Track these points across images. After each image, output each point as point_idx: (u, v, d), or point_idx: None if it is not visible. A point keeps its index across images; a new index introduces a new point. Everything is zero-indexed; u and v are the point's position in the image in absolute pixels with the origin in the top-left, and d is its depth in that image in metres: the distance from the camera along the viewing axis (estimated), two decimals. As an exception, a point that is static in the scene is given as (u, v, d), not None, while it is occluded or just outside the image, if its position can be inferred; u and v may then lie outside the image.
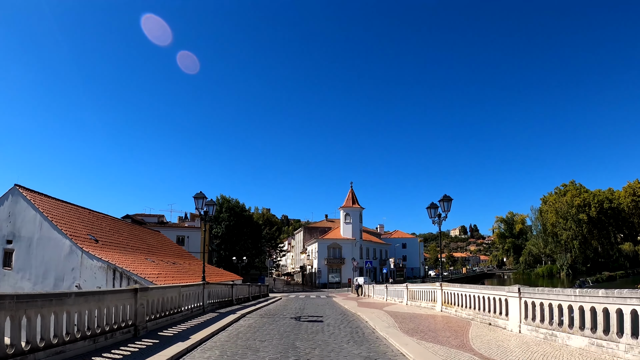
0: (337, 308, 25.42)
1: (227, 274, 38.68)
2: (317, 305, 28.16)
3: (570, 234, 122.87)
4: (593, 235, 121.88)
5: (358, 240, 76.66)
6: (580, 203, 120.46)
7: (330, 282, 73.67)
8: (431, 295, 22.25)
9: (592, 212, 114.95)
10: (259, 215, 72.82)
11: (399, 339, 11.01)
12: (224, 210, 61.58)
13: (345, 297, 39.68)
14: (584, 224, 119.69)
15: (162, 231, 67.02)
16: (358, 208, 78.13)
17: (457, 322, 15.27)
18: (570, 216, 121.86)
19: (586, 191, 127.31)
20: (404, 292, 27.31)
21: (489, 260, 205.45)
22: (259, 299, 32.92)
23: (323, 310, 23.61)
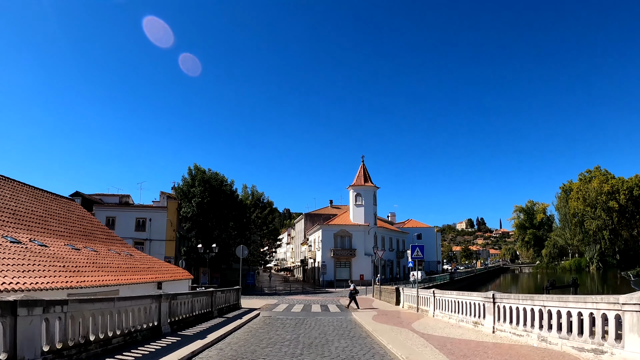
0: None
1: (168, 271, 21.88)
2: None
3: (599, 223, 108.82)
4: (622, 224, 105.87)
5: (372, 226, 59.77)
6: (609, 190, 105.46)
7: (338, 279, 56.84)
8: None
9: (622, 200, 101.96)
10: (247, 195, 55.85)
11: None
12: (197, 183, 44.85)
13: (383, 316, 22.65)
14: (613, 212, 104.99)
15: (119, 213, 50.48)
16: (371, 187, 61.25)
17: None
18: (600, 204, 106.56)
19: (613, 177, 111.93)
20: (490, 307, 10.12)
21: (500, 254, 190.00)
22: (211, 320, 16.51)
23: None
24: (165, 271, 21.69)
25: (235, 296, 22.92)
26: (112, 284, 15.07)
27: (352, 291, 25.13)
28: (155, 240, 48.01)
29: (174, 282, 20.68)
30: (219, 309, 19.04)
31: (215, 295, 18.51)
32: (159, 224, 47.94)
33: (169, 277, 20.17)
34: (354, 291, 25.07)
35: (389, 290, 28.26)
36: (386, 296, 28.71)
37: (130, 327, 10.64)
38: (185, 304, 14.64)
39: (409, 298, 23.55)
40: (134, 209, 50.26)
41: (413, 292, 22.45)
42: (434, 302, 18.44)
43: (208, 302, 17.50)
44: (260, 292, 45.06)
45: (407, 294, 23.80)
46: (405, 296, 24.20)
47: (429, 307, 19.16)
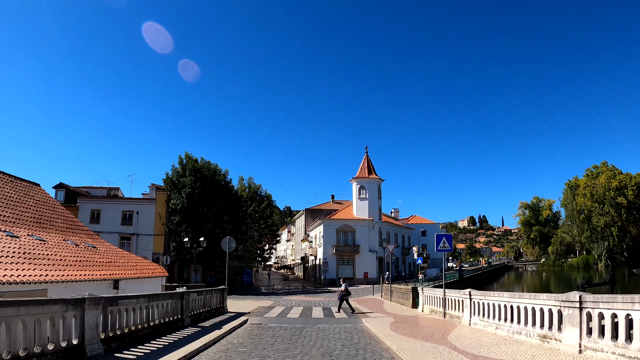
0: None
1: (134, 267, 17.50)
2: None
3: (607, 219, 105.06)
4: (630, 221, 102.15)
5: (377, 221, 55.39)
6: (617, 185, 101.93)
7: (341, 277, 52.30)
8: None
9: (630, 196, 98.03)
10: (243, 188, 51.52)
11: None
12: (188, 173, 40.53)
13: (402, 324, 18.05)
14: (622, 208, 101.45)
15: (105, 206, 46.17)
16: (376, 179, 56.86)
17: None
18: (608, 200, 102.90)
19: (620, 173, 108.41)
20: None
21: (503, 252, 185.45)
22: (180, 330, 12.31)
23: None
24: (132, 267, 17.41)
25: (218, 298, 18.62)
26: (37, 280, 10.78)
27: (342, 292, 20.65)
28: (143, 235, 43.73)
29: (141, 281, 16.45)
30: (193, 315, 14.75)
31: (188, 298, 14.20)
32: (147, 217, 43.66)
33: (131, 274, 15.89)
34: (345, 292, 20.64)
35: (402, 291, 23.93)
36: (399, 297, 24.40)
37: (29, 347, 6.35)
38: (134, 311, 10.32)
39: (430, 300, 19.22)
40: (120, 202, 45.98)
41: (437, 292, 18.14)
42: (471, 306, 14.11)
43: (176, 308, 13.20)
44: (257, 291, 40.80)
45: (428, 295, 19.47)
46: (425, 297, 19.87)
47: (463, 313, 14.85)
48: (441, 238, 17.54)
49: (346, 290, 20.80)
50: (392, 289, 26.33)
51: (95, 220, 45.50)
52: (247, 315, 18.16)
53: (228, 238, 20.75)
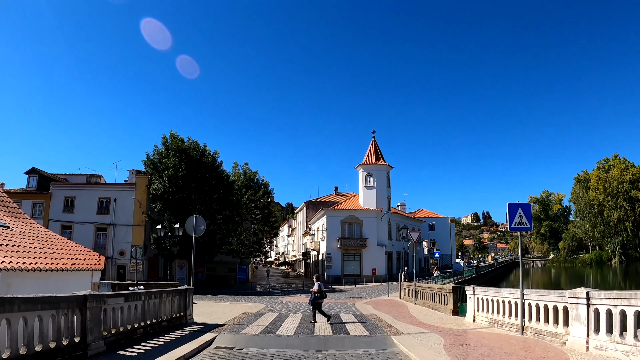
0: None
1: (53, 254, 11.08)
2: None
3: (620, 214, 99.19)
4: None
5: (386, 212, 49.13)
6: (630, 178, 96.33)
7: (346, 274, 46.29)
8: None
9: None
10: (238, 175, 45.26)
11: None
12: (172, 154, 34.34)
13: (469, 350, 10.76)
14: (636, 202, 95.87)
15: (80, 193, 39.94)
16: (384, 166, 50.56)
17: None
18: (621, 193, 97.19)
19: (633, 166, 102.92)
20: None
21: (509, 248, 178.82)
22: None
23: None
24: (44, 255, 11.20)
25: (177, 304, 12.37)
26: None
27: (315, 294, 14.48)
28: (121, 225, 37.60)
29: (50, 275, 10.30)
30: (113, 335, 8.50)
31: (102, 306, 7.94)
32: (126, 205, 37.50)
33: (31, 264, 9.66)
34: (318, 294, 14.52)
35: (434, 291, 17.62)
36: (429, 299, 18.13)
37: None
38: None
39: (488, 305, 12.93)
40: (96, 188, 39.84)
41: (505, 295, 11.83)
42: (589, 316, 7.85)
43: (71, 325, 6.95)
44: (251, 290, 34.59)
45: (485, 298, 13.14)
46: (478, 301, 13.56)
47: (570, 328, 8.59)
48: (516, 210, 11.32)
49: (320, 292, 14.60)
50: (418, 288, 20.04)
51: (69, 209, 39.43)
52: (220, 329, 11.93)
53: (195, 218, 14.49)
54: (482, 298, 13.31)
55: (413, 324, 13.47)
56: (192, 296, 13.45)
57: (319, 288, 14.69)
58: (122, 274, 36.66)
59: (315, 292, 14.60)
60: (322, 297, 14.73)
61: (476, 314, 13.61)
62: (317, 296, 14.56)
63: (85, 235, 38.57)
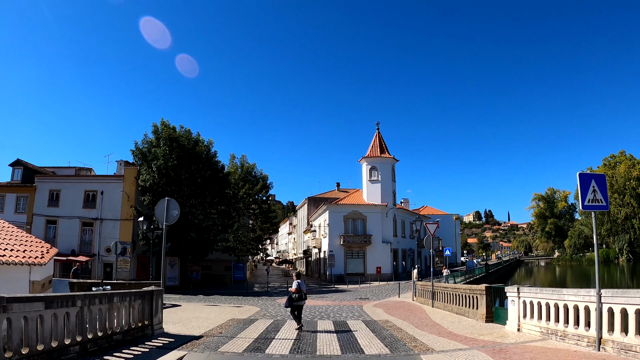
0: None
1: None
2: None
3: (628, 211, 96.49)
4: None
5: (391, 207, 46.21)
6: (637, 175, 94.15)
7: (349, 272, 43.40)
8: None
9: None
10: (235, 168, 42.34)
11: None
12: (162, 143, 31.47)
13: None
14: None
15: (65, 185, 37.04)
16: (389, 158, 47.65)
17: None
18: (628, 190, 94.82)
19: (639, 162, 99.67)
20: None
21: (513, 246, 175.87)
22: None
23: None
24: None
25: (141, 310, 9.46)
26: None
27: (293, 294, 11.75)
28: (108, 220, 34.74)
29: None
30: (30, 356, 5.63)
31: None
32: (114, 198, 34.63)
33: None
34: (297, 294, 11.74)
35: (459, 293, 14.66)
36: (450, 302, 15.22)
37: None
38: None
39: (539, 311, 10.00)
40: (82, 180, 36.97)
41: (567, 296, 8.90)
42: None
43: None
44: (247, 290, 31.67)
45: (533, 301, 10.19)
46: (524, 305, 10.61)
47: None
48: (589, 182, 8.39)
49: (299, 292, 11.74)
50: (437, 288, 17.10)
51: (54, 203, 36.60)
52: (193, 343, 9.05)
53: (167, 201, 11.55)
54: (531, 301, 10.37)
55: (441, 335, 10.55)
56: (162, 299, 10.53)
57: (298, 287, 11.80)
58: (109, 272, 33.80)
59: (294, 292, 11.73)
60: (302, 298, 11.83)
61: (522, 322, 10.68)
62: (296, 297, 11.68)
63: (70, 230, 35.78)
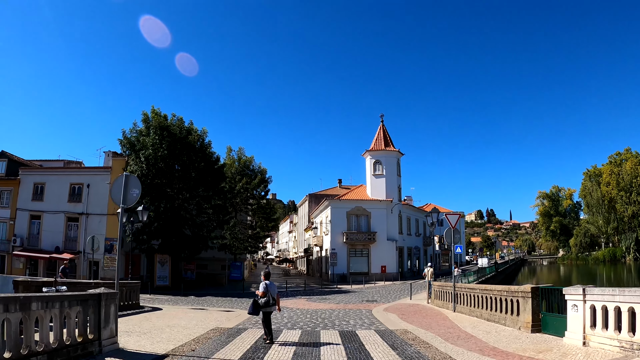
0: None
1: None
2: None
3: (634, 209, 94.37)
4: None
5: (396, 203, 43.60)
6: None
7: (353, 272, 40.79)
8: None
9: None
10: (232, 161, 39.75)
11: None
12: (152, 132, 28.90)
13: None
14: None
15: (50, 178, 34.27)
16: (394, 152, 45.03)
17: None
18: (635, 188, 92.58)
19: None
20: None
21: (515, 245, 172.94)
22: None
23: None
24: None
25: (82, 320, 6.86)
26: None
27: (261, 299, 9.11)
28: (94, 215, 32.17)
29: None
30: None
31: None
32: (100, 192, 32.03)
33: None
34: (265, 299, 9.09)
35: (491, 296, 11.99)
36: (478, 306, 12.58)
37: None
38: None
39: (615, 319, 7.38)
40: (67, 172, 34.43)
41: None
42: None
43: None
44: (242, 291, 29.05)
45: (606, 306, 7.58)
46: (593, 311, 8.00)
47: None
48: None
49: (266, 295, 9.13)
50: (460, 290, 14.46)
51: (38, 197, 34.06)
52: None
53: (125, 178, 8.88)
54: (604, 306, 7.73)
55: (485, 353, 7.92)
56: (116, 304, 7.90)
57: (265, 290, 9.14)
58: (96, 271, 31.23)
59: (260, 296, 9.11)
60: (270, 304, 9.13)
61: (589, 333, 8.05)
62: (262, 302, 9.03)
63: (55, 226, 33.24)
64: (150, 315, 13.68)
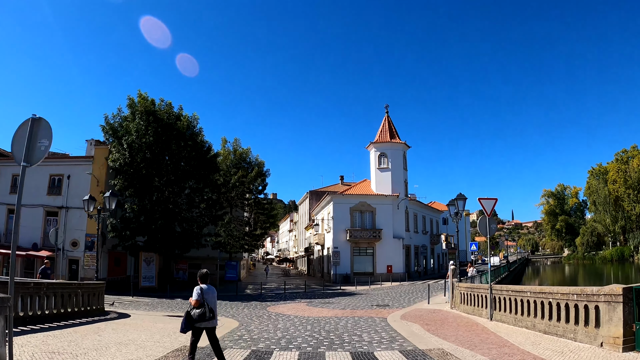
0: None
1: None
2: None
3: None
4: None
5: (403, 198, 40.59)
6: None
7: (357, 271, 37.81)
8: None
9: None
10: (226, 153, 36.76)
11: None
12: (137, 117, 25.91)
13: None
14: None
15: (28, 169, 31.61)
16: (400, 144, 42.04)
17: None
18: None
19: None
20: None
21: (519, 245, 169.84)
22: None
23: None
24: None
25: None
26: None
27: (193, 310, 6.32)
28: (75, 209, 29.05)
29: None
30: None
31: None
32: (81, 183, 28.99)
33: None
34: (199, 311, 6.25)
35: (550, 299, 8.98)
36: (529, 314, 9.58)
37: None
38: None
39: None
40: (47, 162, 31.29)
41: None
42: None
43: None
44: (236, 293, 26.00)
45: None
46: None
47: None
48: None
49: (203, 305, 6.36)
50: (500, 293, 11.42)
51: (16, 189, 30.89)
52: None
53: (32, 121, 5.96)
54: None
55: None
56: (7, 317, 4.92)
57: (200, 297, 6.46)
58: (75, 270, 28.25)
59: (193, 306, 6.46)
60: (207, 316, 6.38)
61: None
62: (197, 315, 6.33)
63: (33, 220, 30.21)
64: (107, 325, 10.68)
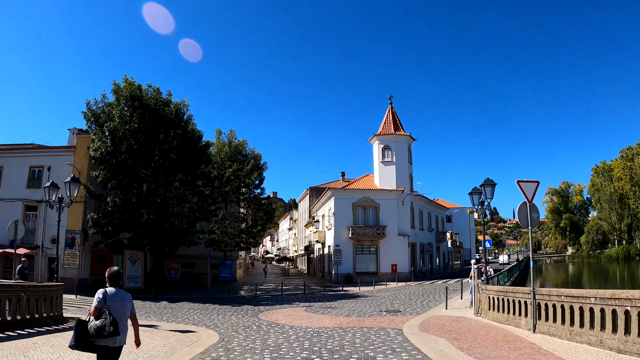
0: None
1: None
2: None
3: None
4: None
5: (408, 193, 38.16)
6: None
7: (359, 271, 35.45)
8: None
9: None
10: (221, 145, 34.34)
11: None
12: (122, 103, 23.55)
13: None
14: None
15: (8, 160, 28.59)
16: (405, 136, 39.65)
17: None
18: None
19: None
20: None
21: (521, 243, 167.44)
22: None
23: None
24: None
25: None
26: None
27: (90, 321, 4.13)
28: (55, 204, 26.72)
29: None
30: None
31: None
32: (62, 175, 26.42)
33: None
34: (99, 324, 4.05)
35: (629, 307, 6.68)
36: (599, 326, 7.25)
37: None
38: None
39: None
40: (27, 153, 28.96)
41: None
42: None
43: None
44: (228, 295, 23.50)
45: None
46: None
47: None
48: None
49: (102, 317, 4.15)
50: (547, 299, 9.00)
51: (-7, 183, 28.73)
52: None
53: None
54: None
55: None
56: None
57: (99, 305, 4.21)
58: (55, 269, 25.85)
59: (92, 314, 4.18)
60: (106, 331, 4.08)
61: None
62: (94, 329, 4.06)
63: (12, 215, 27.74)
64: (47, 340, 8.30)
